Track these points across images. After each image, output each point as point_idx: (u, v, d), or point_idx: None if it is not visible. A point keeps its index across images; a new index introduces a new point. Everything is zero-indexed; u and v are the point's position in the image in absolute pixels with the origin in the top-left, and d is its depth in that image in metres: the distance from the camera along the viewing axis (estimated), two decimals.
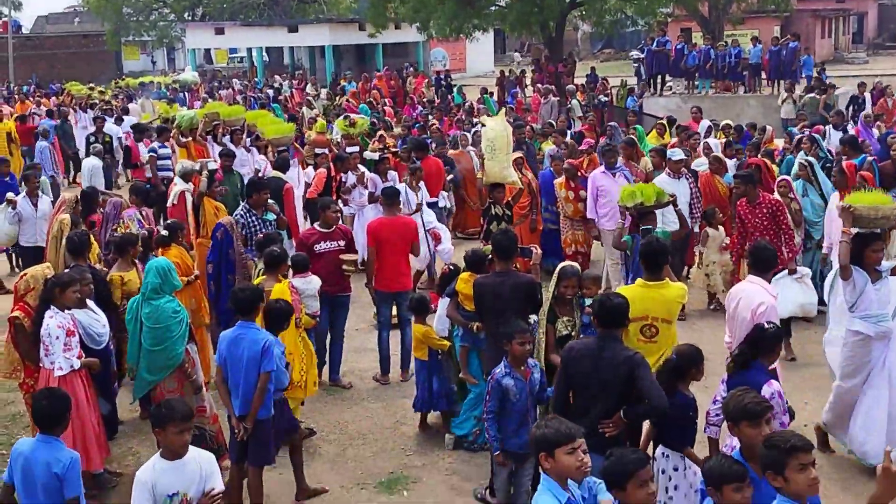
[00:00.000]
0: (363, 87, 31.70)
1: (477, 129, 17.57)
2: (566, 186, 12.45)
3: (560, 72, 30.75)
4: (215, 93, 33.36)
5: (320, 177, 13.05)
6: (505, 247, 7.18)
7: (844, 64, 41.51)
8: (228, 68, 54.23)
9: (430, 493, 7.35)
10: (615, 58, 53.43)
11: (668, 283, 6.93)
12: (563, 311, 7.15)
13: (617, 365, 5.65)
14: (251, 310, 6.87)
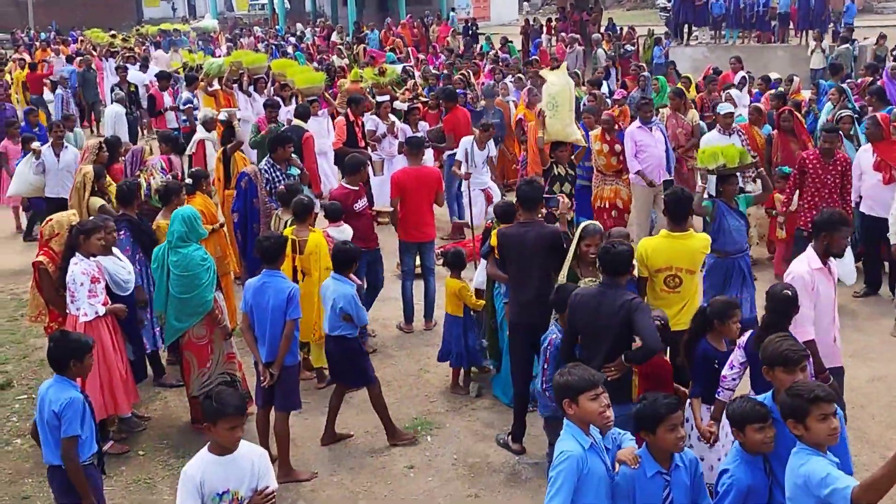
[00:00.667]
0: (386, 35, 31.47)
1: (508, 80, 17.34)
2: (601, 139, 11.82)
3: (585, 20, 30.40)
4: (237, 41, 33.21)
5: (340, 125, 12.96)
6: (529, 197, 7.12)
7: (874, 14, 40.73)
8: (249, 15, 53.87)
9: (454, 438, 7.43)
10: (641, 6, 52.67)
11: (693, 234, 6.93)
12: (585, 272, 6.75)
13: (616, 309, 5.72)
14: (276, 258, 6.93)
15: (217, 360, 7.61)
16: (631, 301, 5.73)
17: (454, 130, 12.93)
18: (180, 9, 60.56)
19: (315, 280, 8.13)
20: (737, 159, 8.41)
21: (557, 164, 10.11)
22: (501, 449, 7.24)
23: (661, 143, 11.38)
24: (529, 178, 8.20)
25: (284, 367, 6.79)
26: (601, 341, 5.81)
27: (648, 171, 11.22)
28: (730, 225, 8.08)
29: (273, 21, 43.82)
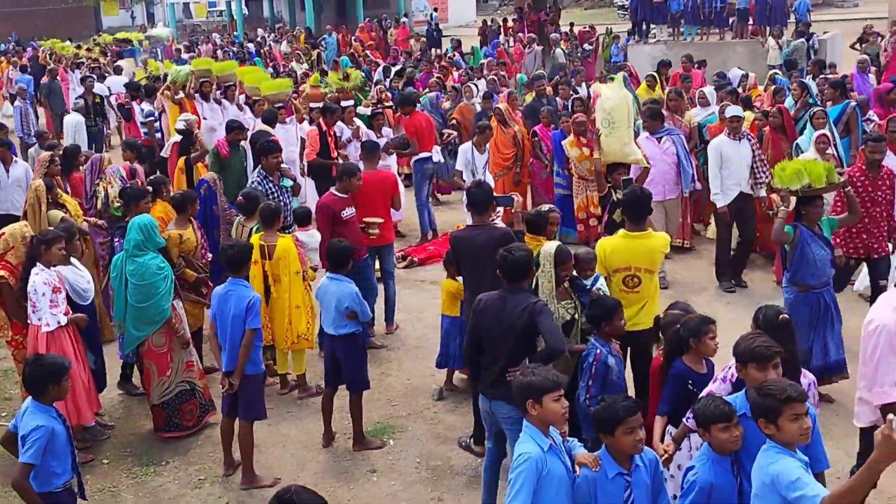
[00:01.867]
0: (343, 39, 31.40)
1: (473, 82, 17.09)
2: (577, 144, 11.50)
3: (543, 20, 30.51)
4: (194, 48, 32.96)
5: (312, 134, 12.75)
6: (479, 199, 7.14)
7: (834, 7, 41.26)
8: (208, 22, 53.54)
9: (416, 441, 7.45)
10: (599, 5, 53.03)
11: (651, 234, 6.99)
12: (560, 295, 6.60)
13: (519, 313, 5.75)
14: (241, 266, 6.92)
15: (177, 368, 7.63)
16: (534, 304, 5.77)
17: (416, 135, 12.77)
18: (139, 17, 60.09)
19: (285, 286, 8.14)
20: (823, 178, 7.24)
21: (616, 188, 9.21)
22: (464, 451, 7.28)
23: (669, 156, 10.61)
24: (479, 181, 8.17)
25: (246, 375, 6.77)
26: (504, 344, 5.83)
27: (651, 186, 9.85)
28: (813, 254, 7.25)
29: (231, 27, 43.57)
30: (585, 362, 6.13)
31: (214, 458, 7.41)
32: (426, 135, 12.99)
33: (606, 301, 6.35)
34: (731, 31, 25.37)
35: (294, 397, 8.37)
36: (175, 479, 7.18)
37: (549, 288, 6.46)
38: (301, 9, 43.64)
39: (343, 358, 7.27)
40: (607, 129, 9.33)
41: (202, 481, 7.11)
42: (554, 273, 6.48)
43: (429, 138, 13.05)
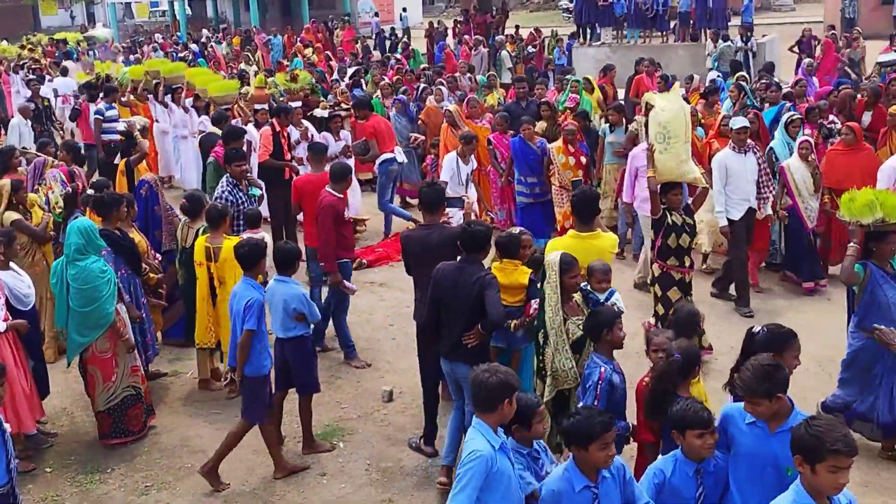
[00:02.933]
0: (289, 39, 31.22)
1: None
2: (565, 151, 11.16)
3: (489, 22, 30.65)
4: (137, 48, 32.50)
5: (266, 135, 12.54)
6: (431, 199, 7.25)
7: (771, 11, 41.98)
8: (150, 23, 52.88)
9: (366, 443, 7.43)
10: (545, 8, 53.38)
11: (600, 234, 7.06)
12: (571, 310, 6.39)
13: (471, 284, 6.24)
14: (253, 264, 6.94)
15: (122, 373, 7.50)
16: (483, 277, 6.25)
17: (376, 136, 12.54)
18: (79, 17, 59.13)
19: (230, 289, 8.01)
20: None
21: (671, 211, 8.39)
22: (414, 452, 7.27)
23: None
24: (431, 181, 8.20)
25: (246, 376, 6.82)
26: (460, 312, 6.32)
27: (642, 200, 9.85)
28: (886, 297, 6.62)
29: (174, 28, 43.07)
30: (589, 381, 5.78)
31: (161, 465, 7.32)
32: (385, 136, 12.80)
33: (604, 310, 6.02)
34: (673, 34, 25.72)
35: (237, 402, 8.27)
36: (121, 486, 7.06)
37: (555, 299, 6.28)
38: (245, 9, 43.33)
39: (292, 360, 7.22)
40: (662, 144, 8.39)
41: (149, 488, 7.01)
42: (559, 282, 6.29)
43: (389, 140, 12.86)
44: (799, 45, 22.81)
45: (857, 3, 31.37)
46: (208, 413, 8.13)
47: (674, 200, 8.33)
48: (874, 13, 32.28)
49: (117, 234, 8.12)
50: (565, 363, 6.21)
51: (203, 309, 8.25)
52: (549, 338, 6.29)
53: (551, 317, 6.27)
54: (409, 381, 8.41)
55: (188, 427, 7.91)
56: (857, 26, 25.52)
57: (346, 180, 8.82)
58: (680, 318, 6.14)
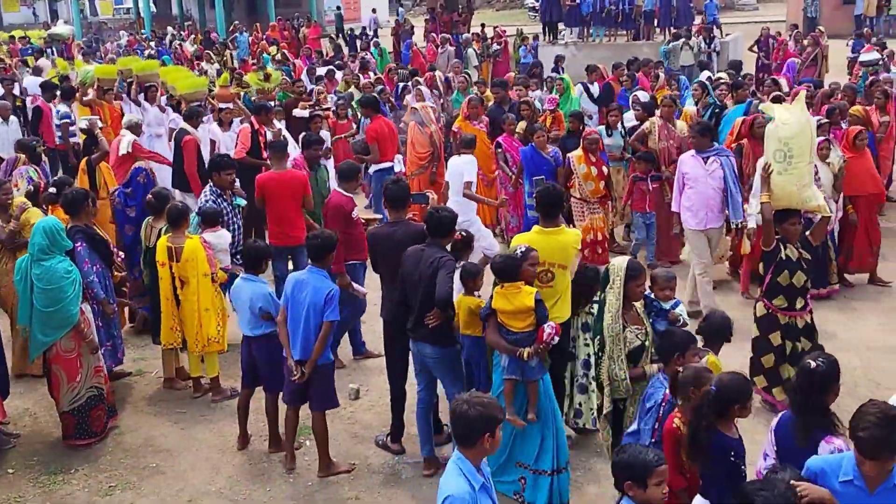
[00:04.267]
0: (255, 38, 31.06)
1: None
2: (586, 161, 10.61)
3: (456, 21, 30.69)
4: (100, 46, 32.15)
5: (245, 133, 12.37)
6: (396, 196, 7.26)
7: (735, 10, 42.34)
8: (114, 20, 52.35)
9: (332, 441, 7.38)
10: (510, 6, 53.49)
11: (564, 230, 7.07)
12: (631, 319, 6.13)
13: (429, 264, 6.47)
14: (322, 257, 6.82)
15: (86, 373, 7.45)
16: (440, 258, 6.46)
17: (377, 140, 11.94)
18: (42, 14, 58.41)
19: (193, 288, 8.01)
20: None
21: (786, 243, 7.32)
22: (381, 450, 7.29)
23: (716, 179, 9.29)
24: (396, 178, 8.19)
25: (318, 365, 6.74)
26: (419, 291, 6.53)
27: (693, 212, 9.34)
28: None
29: (139, 25, 42.66)
30: (651, 401, 5.42)
31: (126, 465, 7.27)
32: (387, 141, 12.16)
33: (680, 333, 5.67)
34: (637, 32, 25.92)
35: (208, 401, 8.25)
36: (85, 486, 7.01)
37: (616, 306, 6.04)
38: (211, 7, 42.99)
39: (259, 359, 7.20)
40: (782, 163, 7.34)
41: (113, 488, 6.96)
42: (624, 290, 6.02)
43: (390, 146, 12.25)
44: (757, 44, 23.09)
45: (819, 2, 31.77)
46: (173, 412, 8.10)
47: (790, 231, 7.26)
48: (836, 12, 32.72)
49: (91, 229, 8.07)
50: (619, 373, 6.03)
51: (167, 309, 8.19)
52: (605, 345, 6.07)
53: (610, 324, 6.03)
54: (376, 379, 8.44)
55: (152, 427, 7.87)
56: (819, 26, 25.82)
57: (356, 180, 8.63)
58: (713, 324, 5.82)
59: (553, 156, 11.05)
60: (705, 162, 9.27)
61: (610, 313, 6.04)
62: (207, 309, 8.06)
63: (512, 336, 6.21)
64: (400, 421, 7.26)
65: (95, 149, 11.12)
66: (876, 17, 32.12)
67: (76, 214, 7.99)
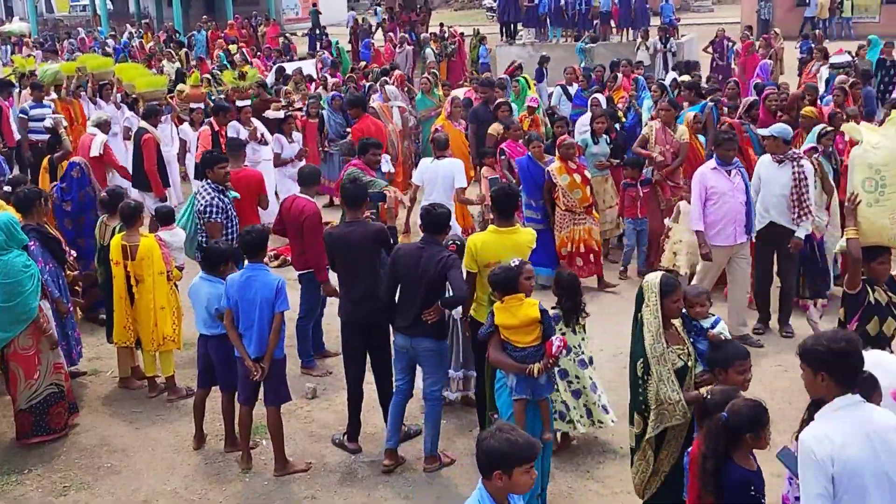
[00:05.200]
0: (214, 35, 30.85)
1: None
2: (566, 170, 10.13)
3: (414, 20, 30.74)
4: (56, 44, 31.74)
5: (204, 134, 12.24)
6: (353, 196, 7.28)
7: (690, 12, 42.76)
8: (71, 17, 51.60)
9: (289, 440, 7.40)
10: (468, 6, 53.56)
11: (519, 229, 7.13)
12: (671, 338, 5.67)
13: (434, 263, 6.55)
14: (259, 251, 6.87)
15: (45, 370, 7.41)
16: (448, 257, 6.57)
17: None
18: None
19: (148, 286, 7.99)
20: None
21: (873, 285, 6.30)
22: (337, 449, 7.31)
23: (741, 192, 8.76)
24: (353, 177, 8.21)
25: (274, 360, 6.78)
26: (419, 289, 6.61)
27: (719, 228, 8.79)
28: None
29: (95, 22, 42.13)
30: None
31: (80, 465, 7.22)
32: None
33: (730, 347, 5.48)
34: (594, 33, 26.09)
35: (163, 400, 8.22)
36: (38, 487, 6.95)
37: (656, 325, 5.59)
38: (168, 5, 42.52)
39: (215, 358, 7.19)
40: (873, 193, 6.53)
41: (67, 489, 6.92)
42: (661, 306, 5.61)
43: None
44: (712, 45, 23.39)
45: (772, 4, 32.25)
46: (128, 412, 8.06)
47: (879, 271, 6.32)
48: (789, 14, 33.20)
49: (44, 228, 8.02)
50: (672, 395, 5.52)
51: (121, 308, 8.15)
52: (650, 368, 5.57)
53: (652, 344, 5.55)
54: (333, 378, 8.48)
55: (108, 426, 7.82)
56: (773, 27, 26.21)
57: (318, 184, 8.64)
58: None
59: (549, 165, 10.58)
60: (729, 174, 8.77)
61: (650, 333, 5.58)
62: (163, 307, 8.04)
63: (518, 353, 5.89)
64: (356, 420, 7.28)
65: (58, 147, 11.00)
66: (829, 18, 32.68)
67: (28, 213, 7.92)
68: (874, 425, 3.96)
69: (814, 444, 3.92)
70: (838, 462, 3.88)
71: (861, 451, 3.90)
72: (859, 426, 3.95)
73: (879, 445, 3.93)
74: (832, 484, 3.89)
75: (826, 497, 3.90)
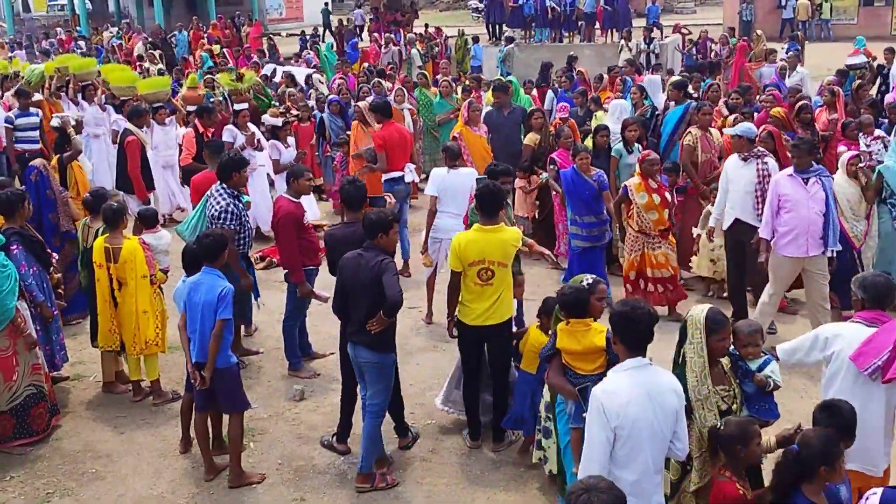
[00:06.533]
0: (196, 35, 30.69)
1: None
2: (646, 188, 9.36)
3: (399, 21, 30.71)
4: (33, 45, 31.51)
5: (188, 137, 12.02)
6: (353, 197, 7.32)
7: (673, 13, 42.91)
8: (48, 17, 51.20)
9: (277, 442, 7.34)
10: (454, 7, 53.59)
11: (504, 227, 7.07)
12: (715, 378, 5.19)
13: (371, 268, 6.38)
14: (216, 256, 6.74)
15: (23, 371, 7.30)
16: (381, 261, 6.37)
17: (386, 149, 10.89)
18: None
19: (131, 290, 7.87)
20: None
21: None
22: (326, 450, 7.23)
23: (818, 202, 8.28)
24: (352, 178, 8.12)
25: (219, 370, 6.59)
26: (362, 297, 6.45)
27: (790, 239, 8.36)
28: None
29: (74, 22, 41.82)
30: None
31: (64, 471, 7.11)
32: (397, 149, 11.05)
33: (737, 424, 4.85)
34: (579, 34, 26.17)
35: (148, 404, 8.12)
36: (21, 493, 6.83)
37: (700, 364, 5.11)
38: (149, 4, 42.27)
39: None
40: None
41: (50, 495, 6.80)
42: (706, 344, 5.13)
43: (401, 155, 11.12)
44: (695, 46, 23.48)
45: (754, 6, 32.43)
46: (113, 417, 7.94)
47: None
48: (769, 16, 33.45)
49: (28, 231, 7.90)
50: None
51: (105, 311, 8.03)
52: (693, 411, 5.08)
53: (696, 386, 5.09)
54: (321, 380, 8.42)
55: (91, 431, 7.71)
56: (754, 29, 26.35)
57: (300, 183, 8.34)
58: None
59: (597, 179, 9.86)
60: (806, 183, 8.33)
61: (693, 373, 5.11)
62: (146, 311, 7.92)
63: (580, 379, 5.63)
64: (348, 421, 7.20)
65: (68, 146, 10.86)
66: (810, 20, 32.89)
67: (10, 216, 7.81)
68: (656, 386, 4.48)
69: (603, 398, 4.45)
70: (622, 416, 4.38)
71: (640, 409, 4.41)
72: (642, 386, 4.45)
73: (657, 404, 4.44)
74: (613, 434, 4.40)
75: (607, 444, 4.41)
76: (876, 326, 5.27)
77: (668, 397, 4.49)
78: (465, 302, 6.93)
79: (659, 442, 4.47)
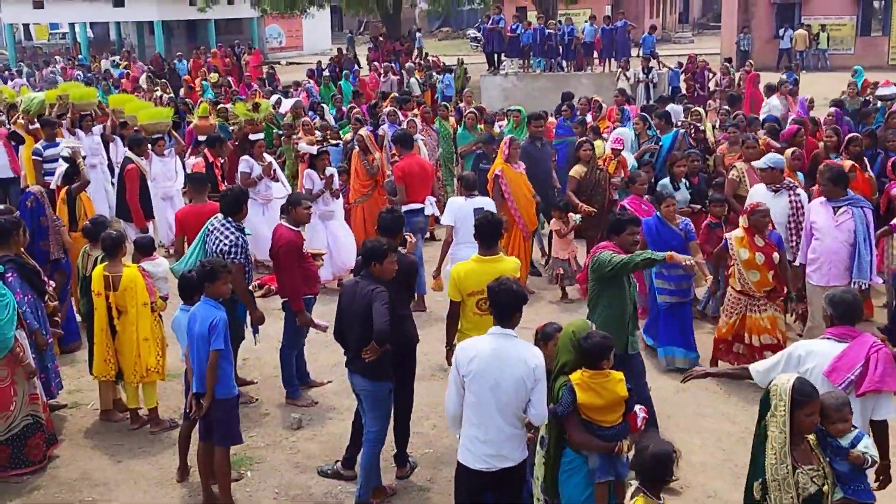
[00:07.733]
0: (196, 63, 30.86)
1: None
2: (750, 245, 8.34)
3: (398, 50, 30.88)
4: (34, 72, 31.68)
5: (198, 166, 12.03)
6: (389, 226, 7.23)
7: (671, 43, 43.26)
8: (50, 45, 51.56)
9: (274, 472, 7.33)
10: (453, 36, 53.95)
11: (503, 258, 7.09)
12: (801, 457, 4.72)
13: (363, 297, 6.46)
14: (206, 286, 6.72)
15: (21, 401, 7.28)
16: (373, 290, 6.42)
17: (405, 181, 10.77)
18: None
19: (132, 318, 7.86)
20: None
21: None
22: (323, 479, 7.20)
23: (844, 232, 8.18)
24: (391, 208, 8.01)
25: (217, 400, 6.56)
26: (356, 325, 6.52)
27: (816, 266, 8.31)
28: None
29: (75, 51, 42.09)
30: None
31: (60, 499, 7.08)
32: (417, 181, 10.94)
33: None
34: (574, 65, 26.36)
35: (146, 432, 8.10)
36: None
37: (782, 441, 4.64)
38: (150, 33, 42.60)
39: None
40: None
41: None
42: (790, 420, 4.65)
43: (421, 187, 10.98)
44: (693, 75, 23.63)
45: (751, 37, 32.68)
46: (110, 445, 7.92)
47: None
48: (766, 46, 33.70)
49: (23, 259, 7.90)
50: None
51: (101, 340, 7.99)
52: (768, 492, 4.69)
53: (774, 464, 4.64)
54: (319, 409, 8.41)
55: (89, 460, 7.69)
56: (750, 59, 26.54)
57: (299, 211, 8.31)
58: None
59: (683, 228, 8.96)
60: (835, 212, 8.21)
61: (773, 450, 4.65)
62: (146, 339, 7.93)
63: (606, 432, 5.32)
64: (357, 446, 7.10)
65: (76, 177, 10.84)
66: (807, 49, 33.10)
67: (6, 244, 7.81)
68: (506, 352, 5.32)
69: (458, 352, 5.52)
70: (468, 369, 5.38)
71: (482, 365, 5.33)
72: (492, 348, 5.36)
73: (503, 364, 5.29)
74: (463, 381, 5.41)
75: (458, 387, 5.46)
76: (847, 342, 5.40)
77: (516, 364, 5.28)
78: (465, 330, 6.92)
79: (504, 398, 5.28)
